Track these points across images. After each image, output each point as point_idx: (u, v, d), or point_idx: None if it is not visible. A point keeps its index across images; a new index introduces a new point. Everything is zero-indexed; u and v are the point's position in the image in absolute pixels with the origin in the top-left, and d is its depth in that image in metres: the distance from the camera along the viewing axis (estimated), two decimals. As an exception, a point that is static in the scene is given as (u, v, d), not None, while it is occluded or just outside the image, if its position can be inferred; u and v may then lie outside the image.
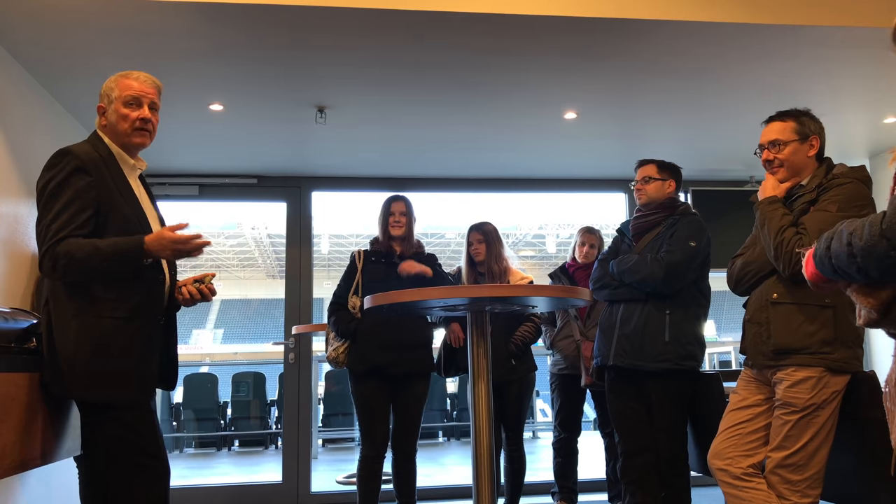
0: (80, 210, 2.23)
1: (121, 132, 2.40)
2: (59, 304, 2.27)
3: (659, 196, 3.36)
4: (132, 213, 2.36)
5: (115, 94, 2.40)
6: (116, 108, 2.40)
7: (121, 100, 2.39)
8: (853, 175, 2.47)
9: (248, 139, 4.79)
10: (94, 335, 2.23)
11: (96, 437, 2.29)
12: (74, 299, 2.25)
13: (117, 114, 2.39)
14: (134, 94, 2.40)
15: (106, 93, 2.43)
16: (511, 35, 3.45)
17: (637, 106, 4.40)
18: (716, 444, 2.55)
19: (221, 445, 9.31)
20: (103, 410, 2.26)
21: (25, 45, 3.39)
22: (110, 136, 2.42)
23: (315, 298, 5.55)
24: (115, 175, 2.36)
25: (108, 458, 2.26)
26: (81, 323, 2.23)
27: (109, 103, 2.42)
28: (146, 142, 2.45)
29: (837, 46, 3.64)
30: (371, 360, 3.47)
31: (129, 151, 2.45)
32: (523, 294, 2.67)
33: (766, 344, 2.46)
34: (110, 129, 2.42)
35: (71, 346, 2.23)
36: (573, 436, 4.28)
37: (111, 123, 2.41)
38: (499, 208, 23.76)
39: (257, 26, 3.31)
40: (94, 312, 2.25)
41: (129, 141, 2.41)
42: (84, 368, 2.22)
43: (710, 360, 9.80)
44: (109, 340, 2.24)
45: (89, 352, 2.22)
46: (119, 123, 2.39)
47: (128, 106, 2.39)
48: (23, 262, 3.51)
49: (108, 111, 2.42)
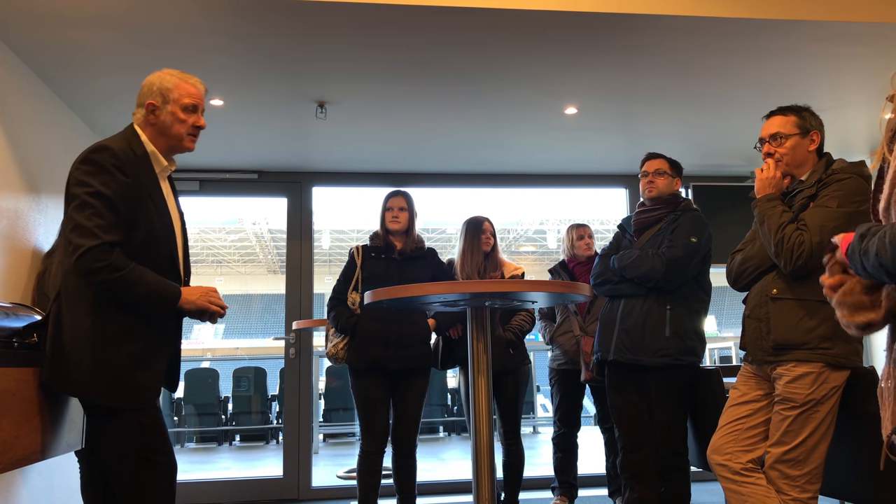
0: (119, 211, 2.20)
1: (174, 135, 2.37)
2: (71, 300, 2.23)
3: (667, 191, 3.37)
4: (158, 219, 2.32)
5: (175, 96, 2.36)
6: (174, 111, 2.35)
7: (180, 104, 2.36)
8: (853, 170, 2.47)
9: (249, 134, 4.79)
10: (106, 336, 2.20)
11: (103, 435, 2.27)
12: (89, 297, 2.21)
13: (174, 116, 2.35)
14: (195, 102, 2.39)
15: (162, 92, 2.36)
16: (511, 30, 3.44)
17: (638, 101, 4.40)
18: (715, 440, 2.56)
19: (222, 440, 9.33)
20: (110, 412, 2.23)
21: (25, 40, 3.39)
22: (152, 135, 2.37)
23: (316, 294, 5.56)
24: (149, 177, 2.32)
25: (116, 456, 2.24)
26: (94, 322, 2.20)
27: (165, 103, 2.35)
28: (193, 148, 2.44)
29: (839, 42, 3.64)
30: (370, 356, 3.47)
31: (170, 152, 2.41)
32: (524, 290, 2.67)
33: (765, 339, 2.46)
34: (160, 128, 2.36)
35: (81, 345, 2.19)
36: (573, 431, 4.29)
37: (163, 124, 2.36)
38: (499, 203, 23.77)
39: (257, 21, 3.31)
40: (108, 312, 2.21)
41: (181, 145, 2.40)
42: (92, 368, 2.18)
43: (711, 355, 9.79)
44: (121, 343, 2.21)
45: (100, 353, 2.19)
46: (175, 126, 2.36)
47: (186, 111, 2.37)
48: (24, 257, 3.52)
49: (161, 111, 2.35)
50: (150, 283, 2.21)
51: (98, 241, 2.15)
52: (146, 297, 2.21)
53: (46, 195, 3.79)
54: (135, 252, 2.23)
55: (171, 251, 2.37)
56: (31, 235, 3.60)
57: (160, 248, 2.32)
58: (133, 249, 2.23)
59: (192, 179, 5.32)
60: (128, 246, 2.22)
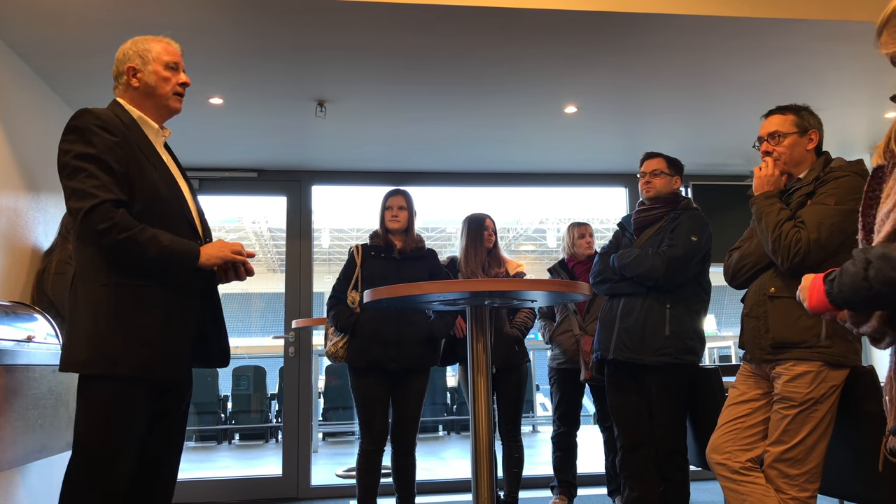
0: (113, 170, 2.06)
1: (161, 94, 2.25)
2: (86, 275, 2.07)
3: (666, 190, 3.37)
4: (161, 181, 2.17)
5: (153, 56, 2.25)
6: (156, 70, 2.24)
7: (161, 62, 2.25)
8: (851, 168, 2.47)
9: (249, 133, 4.78)
10: (122, 306, 2.04)
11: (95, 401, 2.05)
12: (103, 269, 2.05)
13: (157, 75, 2.24)
14: (175, 59, 2.29)
15: (140, 54, 2.25)
16: (511, 29, 3.44)
17: (638, 100, 4.40)
18: (714, 439, 2.56)
19: (222, 439, 9.33)
20: (120, 380, 2.03)
21: (25, 39, 3.39)
22: (136, 99, 2.25)
23: (315, 292, 5.55)
24: (141, 139, 2.19)
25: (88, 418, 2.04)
26: (110, 293, 2.04)
27: (145, 64, 2.24)
28: (181, 108, 2.32)
29: (838, 41, 3.64)
30: (370, 355, 3.47)
31: (158, 117, 2.28)
32: (524, 288, 2.67)
33: (764, 338, 2.46)
34: (143, 90, 2.24)
35: (97, 317, 2.02)
36: (572, 430, 4.29)
37: (147, 85, 2.24)
38: (499, 202, 23.73)
39: (257, 20, 3.30)
40: (124, 281, 2.05)
41: (168, 104, 2.27)
42: (106, 338, 2.02)
43: (711, 354, 9.79)
44: (139, 313, 2.05)
45: (116, 323, 2.02)
46: (160, 85, 2.24)
47: (168, 69, 2.26)
48: (23, 255, 3.52)
49: (142, 72, 2.23)
50: (164, 244, 2.05)
51: (97, 201, 2.00)
52: (162, 258, 2.05)
53: (45, 194, 3.79)
54: (142, 216, 2.07)
55: (183, 212, 2.21)
56: (31, 234, 3.60)
57: (169, 209, 2.16)
58: (139, 212, 2.07)
59: (191, 178, 5.31)
60: (132, 208, 2.07)
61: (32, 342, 2.71)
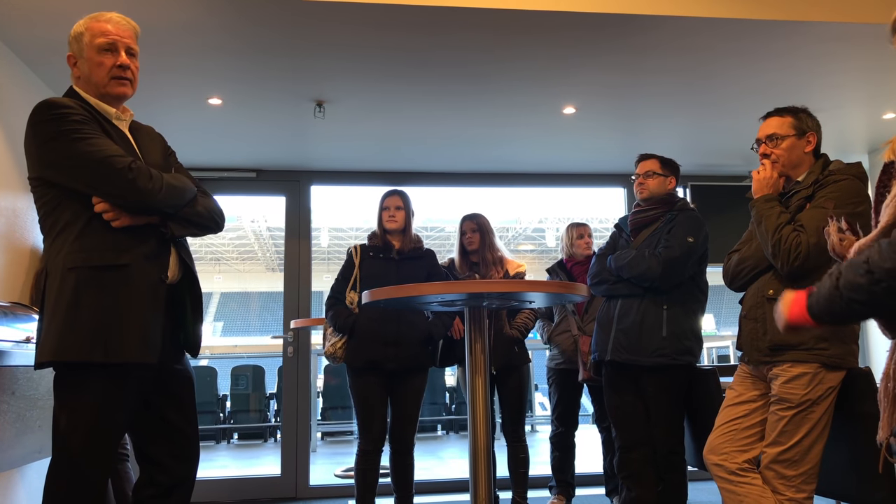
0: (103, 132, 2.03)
1: (97, 82, 2.11)
2: (53, 269, 2.00)
3: (660, 191, 3.37)
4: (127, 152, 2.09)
5: (86, 40, 2.11)
6: (89, 56, 2.10)
7: (93, 46, 2.10)
8: (849, 171, 2.47)
9: (247, 133, 4.79)
10: (84, 292, 1.96)
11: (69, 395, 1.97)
12: (66, 260, 1.98)
13: (90, 62, 2.10)
14: (109, 40, 2.11)
15: (75, 39, 2.13)
16: (509, 30, 3.45)
17: (636, 101, 4.40)
18: (711, 440, 2.56)
19: (220, 438, 9.33)
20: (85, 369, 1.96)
21: (24, 39, 3.39)
22: (85, 88, 2.13)
23: (314, 292, 5.56)
24: (105, 122, 2.11)
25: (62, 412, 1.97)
26: (75, 281, 1.96)
27: (80, 51, 2.12)
28: (127, 91, 2.15)
29: (836, 42, 3.64)
30: (369, 356, 3.47)
31: (109, 102, 2.15)
32: (521, 290, 2.67)
33: (761, 340, 2.47)
34: (84, 79, 2.13)
35: (60, 306, 1.95)
36: (570, 430, 4.30)
37: (84, 73, 2.12)
38: (499, 202, 23.78)
39: (256, 20, 3.31)
40: (86, 269, 1.97)
41: (107, 91, 2.12)
42: (70, 325, 1.94)
43: (709, 354, 9.80)
44: (100, 296, 1.97)
45: (78, 309, 1.94)
46: (94, 72, 2.11)
47: (102, 53, 2.10)
48: (22, 255, 3.52)
49: (79, 60, 2.12)
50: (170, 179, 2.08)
51: (128, 160, 1.99)
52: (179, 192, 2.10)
53: (45, 194, 3.79)
54: None
55: None
56: (30, 234, 3.60)
57: None
58: None
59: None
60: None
61: (31, 343, 2.72)
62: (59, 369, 1.98)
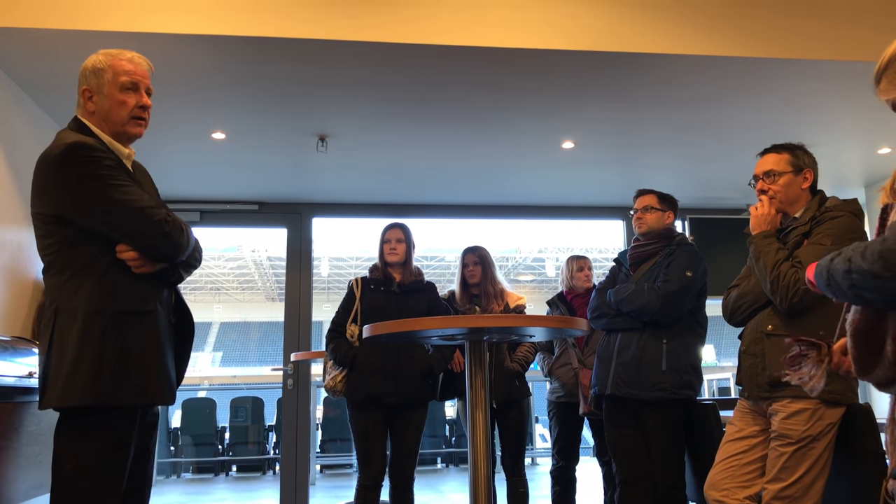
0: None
1: (116, 120, 2.11)
2: (64, 309, 1.96)
3: (658, 226, 3.39)
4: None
5: (108, 77, 2.11)
6: (111, 94, 2.10)
7: (116, 84, 2.10)
8: (846, 208, 2.50)
9: (250, 167, 4.83)
10: (94, 334, 1.95)
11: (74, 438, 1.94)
12: (81, 300, 1.96)
13: (112, 99, 2.10)
14: (132, 79, 2.13)
15: (94, 74, 2.12)
16: (509, 68, 3.50)
17: (634, 136, 4.45)
18: (712, 476, 2.56)
19: (219, 471, 9.25)
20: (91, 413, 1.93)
21: (28, 72, 3.44)
22: (98, 124, 2.12)
23: (314, 322, 5.56)
24: (119, 161, 2.12)
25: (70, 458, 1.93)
26: (84, 322, 1.95)
27: (100, 86, 2.11)
28: (142, 132, 2.19)
29: (830, 79, 3.70)
30: (369, 389, 3.47)
31: (121, 140, 2.15)
32: (522, 324, 2.68)
33: (761, 375, 2.48)
34: (100, 115, 2.12)
35: (70, 346, 1.93)
36: (571, 464, 4.27)
37: (102, 110, 2.11)
38: (499, 232, 23.86)
39: (260, 58, 3.36)
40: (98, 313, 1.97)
41: (125, 130, 2.13)
42: (78, 367, 1.91)
43: (709, 386, 9.76)
44: (113, 338, 1.96)
45: (89, 350, 1.93)
46: (115, 111, 2.11)
47: (124, 91, 2.11)
48: (25, 289, 3.53)
49: (97, 95, 2.11)
50: (187, 228, 2.16)
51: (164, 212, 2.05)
52: (196, 243, 2.19)
53: (48, 227, 3.81)
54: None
55: None
56: (33, 267, 3.62)
57: None
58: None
59: (192, 210, 5.36)
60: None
61: (33, 378, 2.72)
62: (69, 412, 1.95)
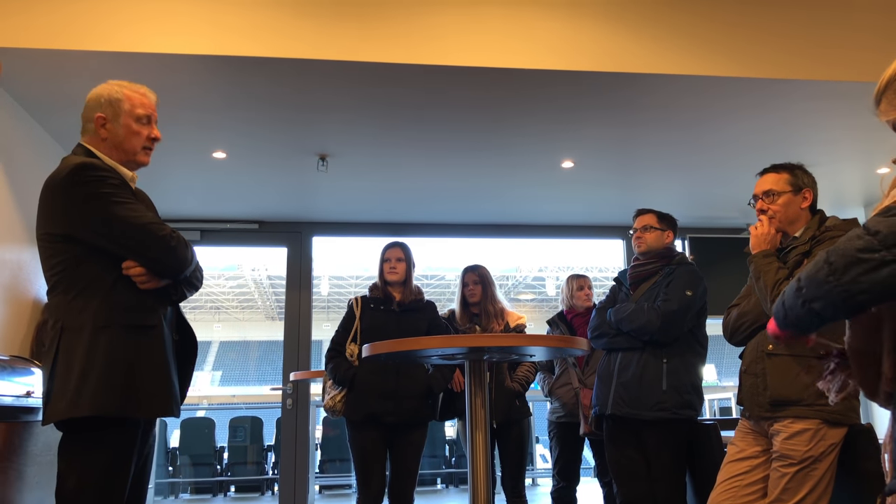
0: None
1: (129, 149, 2.22)
2: (71, 324, 2.01)
3: (657, 245, 3.40)
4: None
5: (125, 108, 2.22)
6: (126, 124, 2.21)
7: (132, 115, 2.22)
8: (845, 228, 2.50)
9: (251, 186, 4.84)
10: (103, 347, 1.99)
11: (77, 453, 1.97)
12: (89, 315, 2.01)
13: (128, 129, 2.21)
14: (147, 112, 2.26)
15: (110, 103, 2.22)
16: (509, 89, 3.52)
17: (633, 155, 4.47)
18: (714, 496, 2.54)
19: (217, 491, 9.18)
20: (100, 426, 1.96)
21: (30, 93, 3.46)
22: (105, 150, 2.21)
23: (314, 341, 5.55)
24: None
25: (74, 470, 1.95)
26: (91, 335, 1.99)
27: (116, 116, 2.21)
28: (149, 161, 2.30)
29: (829, 99, 3.72)
30: (368, 409, 3.45)
31: (128, 167, 2.26)
32: (522, 344, 2.68)
33: (762, 395, 2.47)
34: (112, 142, 2.21)
35: (77, 360, 1.97)
36: (572, 485, 4.24)
37: (116, 137, 2.21)
38: (499, 251, 23.89)
39: (261, 78, 3.38)
40: (105, 326, 2.02)
41: (136, 159, 2.25)
42: (89, 380, 1.95)
43: (711, 406, 9.72)
44: (120, 353, 2.01)
45: (98, 364, 1.97)
46: (129, 140, 2.22)
47: (140, 123, 2.23)
48: (24, 308, 3.53)
49: (112, 123, 2.20)
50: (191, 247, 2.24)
51: (168, 228, 2.12)
52: (197, 262, 2.26)
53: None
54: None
55: None
56: (33, 286, 3.62)
57: None
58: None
59: (193, 229, 5.36)
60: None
61: (31, 397, 2.71)
62: (73, 427, 1.97)
